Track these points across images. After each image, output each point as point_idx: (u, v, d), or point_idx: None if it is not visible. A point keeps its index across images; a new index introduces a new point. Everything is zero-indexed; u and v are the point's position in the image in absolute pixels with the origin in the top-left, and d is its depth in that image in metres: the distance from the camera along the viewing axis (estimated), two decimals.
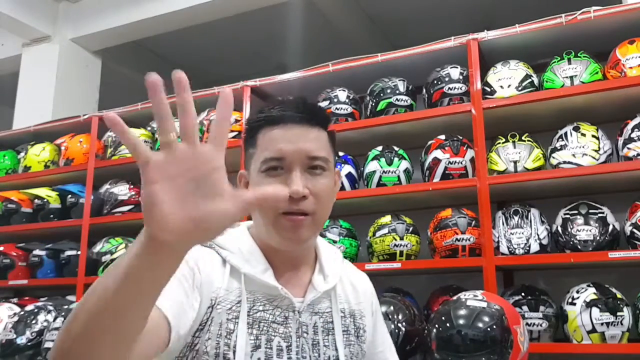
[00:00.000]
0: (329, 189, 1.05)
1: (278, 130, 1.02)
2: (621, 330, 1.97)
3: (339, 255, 1.19)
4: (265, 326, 1.00)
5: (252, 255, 1.05)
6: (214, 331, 0.97)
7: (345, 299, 1.13)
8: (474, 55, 2.40)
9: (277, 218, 1.01)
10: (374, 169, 2.49)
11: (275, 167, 1.01)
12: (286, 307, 1.03)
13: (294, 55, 5.30)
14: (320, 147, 1.04)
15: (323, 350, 1.04)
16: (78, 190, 3.24)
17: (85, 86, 4.73)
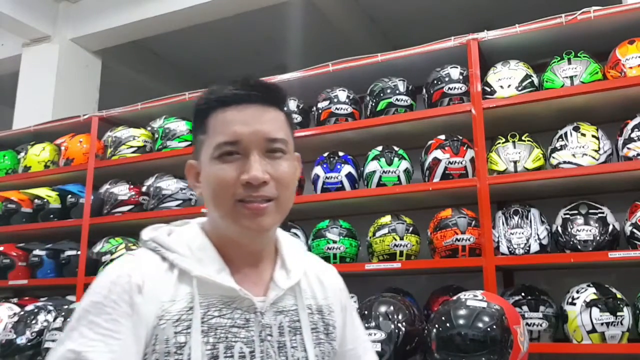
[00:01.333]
0: (290, 172, 0.97)
1: (231, 112, 0.94)
2: (621, 330, 1.97)
3: (302, 247, 1.11)
4: (223, 332, 0.90)
5: (204, 254, 0.95)
6: (160, 350, 0.87)
7: (312, 294, 1.05)
8: (474, 55, 2.40)
9: (235, 207, 0.92)
10: (374, 169, 2.49)
11: (230, 152, 0.93)
12: (247, 308, 0.94)
13: (294, 55, 5.30)
14: (278, 128, 0.96)
15: (291, 352, 0.96)
16: (78, 190, 3.24)
17: (85, 86, 4.73)
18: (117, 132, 3.20)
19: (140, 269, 0.91)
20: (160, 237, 0.97)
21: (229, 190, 0.92)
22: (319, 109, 2.72)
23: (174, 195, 2.96)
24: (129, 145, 3.14)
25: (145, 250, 0.97)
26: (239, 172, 0.92)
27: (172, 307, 0.89)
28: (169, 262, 0.94)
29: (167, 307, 0.89)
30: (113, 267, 0.93)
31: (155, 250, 0.96)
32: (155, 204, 2.96)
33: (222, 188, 0.92)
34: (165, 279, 0.92)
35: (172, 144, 3.00)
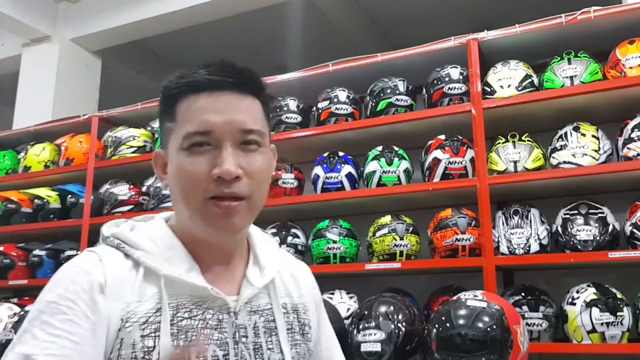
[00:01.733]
0: (265, 167, 0.90)
1: (203, 99, 0.85)
2: (621, 330, 1.97)
3: (274, 244, 1.04)
4: (194, 335, 0.84)
5: (172, 252, 0.88)
6: (126, 355, 0.80)
7: (286, 293, 0.99)
8: (474, 55, 2.40)
9: (205, 204, 0.85)
10: (374, 169, 2.49)
11: (200, 143, 0.85)
12: (219, 308, 0.87)
13: (294, 55, 5.30)
14: (254, 118, 0.88)
15: (267, 354, 0.90)
16: (78, 190, 3.24)
17: (85, 86, 4.73)
18: (117, 132, 3.20)
19: (102, 267, 0.84)
20: (124, 233, 0.90)
21: (199, 186, 0.84)
22: (319, 109, 2.72)
23: None
24: (129, 145, 3.14)
25: (106, 246, 0.90)
26: (210, 166, 0.84)
27: (139, 308, 0.83)
28: (133, 259, 0.87)
29: (132, 308, 0.82)
30: (70, 264, 0.86)
31: (118, 247, 0.88)
32: (155, 204, 2.96)
33: (191, 183, 0.85)
34: (130, 278, 0.85)
35: None
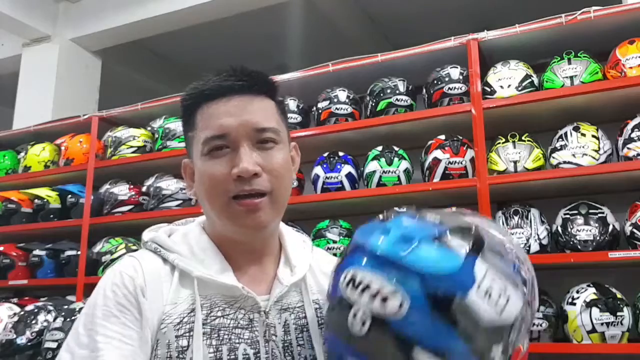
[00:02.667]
0: (284, 163, 0.92)
1: (216, 105, 0.90)
2: (621, 330, 1.97)
3: (307, 243, 1.07)
4: (226, 334, 0.87)
5: (206, 254, 0.93)
6: (162, 355, 0.84)
7: (319, 289, 1.00)
8: (474, 55, 2.40)
9: (229, 204, 0.89)
10: (374, 169, 2.49)
11: (219, 147, 0.89)
12: (250, 307, 0.90)
13: (294, 55, 5.30)
14: (267, 116, 0.91)
15: (297, 350, 0.92)
16: (78, 190, 3.24)
17: (85, 86, 4.73)
18: (117, 132, 3.20)
19: (142, 271, 0.89)
20: (161, 237, 0.95)
21: (221, 187, 0.89)
22: (319, 109, 2.72)
23: (174, 195, 2.96)
24: (129, 145, 3.14)
25: (146, 251, 0.95)
26: (229, 167, 0.88)
27: (174, 309, 0.87)
28: (169, 263, 0.91)
29: (168, 310, 0.87)
30: (115, 270, 0.90)
31: (155, 251, 0.93)
32: (155, 204, 2.96)
33: (214, 185, 0.89)
34: (167, 281, 0.89)
35: (172, 144, 3.00)
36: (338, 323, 0.78)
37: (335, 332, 0.80)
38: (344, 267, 0.81)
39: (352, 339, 0.76)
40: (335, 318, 0.80)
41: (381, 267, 0.75)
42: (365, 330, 0.74)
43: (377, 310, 0.73)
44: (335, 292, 0.80)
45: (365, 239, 0.81)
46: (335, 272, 0.84)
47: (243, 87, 0.91)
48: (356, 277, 0.76)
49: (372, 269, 0.75)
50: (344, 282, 0.78)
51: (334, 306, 0.81)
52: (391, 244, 0.77)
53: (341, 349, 0.78)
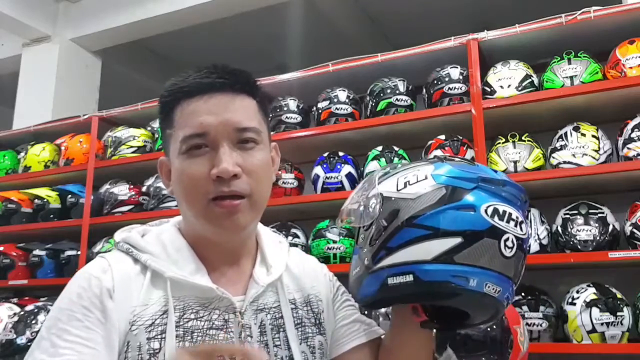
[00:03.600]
0: (264, 164, 0.91)
1: (197, 102, 0.88)
2: (621, 330, 1.97)
3: (284, 243, 1.06)
4: (200, 336, 0.85)
5: (180, 254, 0.91)
6: (132, 357, 0.82)
7: (297, 288, 1.00)
8: (474, 55, 2.40)
9: (207, 206, 0.87)
10: (373, 169, 2.49)
11: (198, 146, 0.87)
12: (225, 308, 0.89)
13: (294, 55, 5.30)
14: (249, 116, 0.89)
15: (273, 351, 0.90)
16: (78, 190, 3.24)
17: (85, 86, 4.73)
18: (117, 132, 3.20)
19: (111, 272, 0.86)
20: (133, 237, 0.93)
21: (200, 188, 0.87)
22: (319, 109, 2.72)
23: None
24: (129, 145, 3.14)
25: (117, 252, 0.93)
26: (208, 167, 0.86)
27: (145, 311, 0.85)
28: (141, 263, 0.89)
29: (139, 312, 0.84)
30: (82, 271, 0.88)
31: (127, 252, 0.91)
32: (155, 204, 2.96)
33: (192, 186, 0.87)
34: (137, 282, 0.87)
35: None
36: (487, 252, 0.84)
37: (482, 262, 0.84)
38: (478, 203, 0.86)
39: (499, 264, 0.84)
40: (481, 249, 0.84)
41: (506, 200, 0.87)
42: (512, 253, 0.85)
43: (519, 234, 0.86)
44: (479, 224, 0.84)
45: (478, 178, 0.88)
46: (460, 207, 0.86)
47: (224, 85, 0.89)
48: (499, 209, 0.85)
49: (502, 202, 0.87)
50: (488, 214, 0.85)
51: (477, 239, 0.84)
52: (501, 179, 0.90)
53: (483, 276, 0.84)
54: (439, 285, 0.83)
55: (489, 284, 0.83)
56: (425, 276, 0.83)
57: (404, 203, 0.87)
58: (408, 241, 0.85)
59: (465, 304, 0.88)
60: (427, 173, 0.89)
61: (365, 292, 0.90)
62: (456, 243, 0.83)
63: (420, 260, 0.84)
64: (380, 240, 0.87)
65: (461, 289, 0.83)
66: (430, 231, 0.84)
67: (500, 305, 0.87)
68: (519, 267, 0.88)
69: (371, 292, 0.88)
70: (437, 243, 0.84)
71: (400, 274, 0.84)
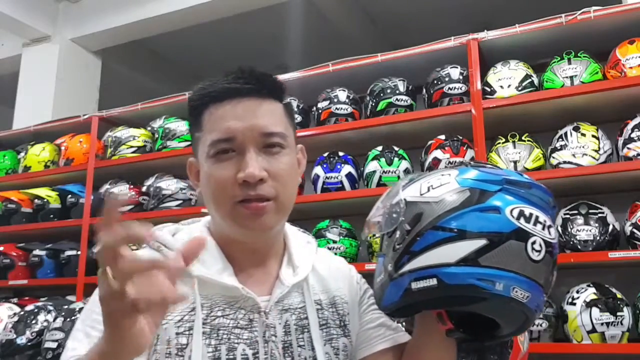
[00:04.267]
0: (290, 168, 0.93)
1: (224, 107, 0.89)
2: (621, 330, 1.97)
3: (312, 243, 1.06)
4: (225, 334, 0.88)
5: (208, 254, 0.92)
6: (161, 350, 0.85)
7: (323, 289, 1.00)
8: (474, 55, 2.40)
9: (234, 208, 0.89)
10: (374, 169, 2.49)
11: (225, 150, 0.89)
12: (250, 308, 0.91)
13: (294, 55, 5.30)
14: (275, 121, 0.91)
15: (297, 351, 0.91)
16: (78, 190, 3.24)
17: (85, 86, 4.73)
18: (117, 132, 3.20)
19: None
20: (164, 236, 0.95)
21: (227, 192, 0.89)
22: (319, 109, 2.72)
23: (174, 195, 2.96)
24: (129, 145, 3.14)
25: (148, 250, 0.94)
26: (235, 171, 0.88)
27: (175, 307, 0.86)
28: None
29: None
30: None
31: (158, 249, 0.93)
32: (155, 204, 2.96)
33: (220, 189, 0.90)
34: None
35: (172, 144, 3.00)
36: (514, 254, 0.82)
37: (508, 265, 0.82)
38: (502, 205, 0.84)
39: (526, 267, 0.82)
40: (507, 252, 0.82)
41: (532, 203, 0.86)
42: (540, 257, 0.83)
43: (547, 238, 0.84)
44: (504, 226, 0.82)
45: (502, 180, 0.86)
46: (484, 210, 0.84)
47: (251, 90, 0.90)
48: (525, 212, 0.83)
49: (529, 204, 0.85)
50: (514, 216, 0.83)
51: (502, 241, 0.82)
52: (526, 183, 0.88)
53: (510, 280, 0.81)
54: (463, 289, 0.81)
55: (516, 289, 0.81)
56: (450, 279, 0.81)
57: (427, 206, 0.86)
58: (431, 244, 0.83)
59: (492, 309, 0.86)
60: (451, 177, 0.88)
61: (389, 299, 0.87)
62: (481, 245, 0.81)
63: (444, 264, 0.81)
64: (404, 245, 0.85)
65: (487, 293, 0.80)
66: (454, 233, 0.82)
67: (530, 313, 0.83)
68: (549, 273, 0.85)
69: (395, 299, 0.86)
70: (461, 245, 0.81)
71: (423, 278, 0.82)
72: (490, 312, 0.87)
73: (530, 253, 0.82)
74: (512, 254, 0.81)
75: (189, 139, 3.01)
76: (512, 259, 0.81)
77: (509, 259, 0.81)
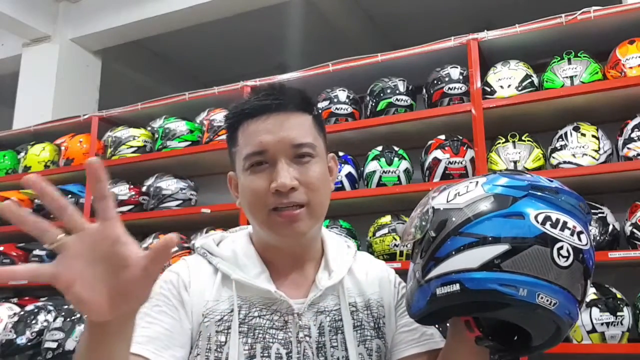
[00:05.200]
0: (320, 176, 0.98)
1: (256, 123, 0.96)
2: (621, 330, 1.97)
3: (352, 248, 1.11)
4: (261, 333, 0.95)
5: (247, 259, 1.01)
6: (202, 346, 0.93)
7: (359, 292, 1.05)
8: (474, 55, 2.40)
9: (269, 216, 0.95)
10: (374, 169, 2.49)
11: (259, 163, 0.95)
12: (285, 310, 0.97)
13: (294, 55, 5.31)
14: (304, 133, 0.97)
15: (330, 352, 0.96)
16: (78, 190, 3.24)
17: (85, 86, 4.73)
18: (117, 132, 3.20)
19: (189, 270, 1.00)
20: (208, 243, 1.05)
21: (261, 201, 0.95)
22: (319, 109, 2.71)
23: (174, 195, 2.96)
24: (129, 145, 3.14)
25: (196, 255, 1.06)
26: (268, 182, 0.94)
27: (216, 306, 0.96)
28: (213, 266, 1.01)
29: (211, 306, 0.96)
30: (167, 269, 1.02)
31: (204, 255, 1.04)
32: (155, 204, 2.96)
33: (255, 199, 0.96)
34: (210, 281, 0.99)
35: (172, 144, 3.00)
36: (538, 260, 0.80)
37: (532, 270, 0.80)
38: (527, 211, 0.83)
39: (552, 273, 0.80)
40: (531, 257, 0.80)
41: (561, 208, 0.84)
42: (568, 263, 0.81)
43: (576, 244, 0.82)
44: (528, 232, 0.82)
45: (528, 185, 0.86)
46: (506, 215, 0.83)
47: (280, 106, 0.96)
48: (551, 217, 0.82)
49: (557, 210, 0.84)
50: (539, 221, 0.82)
51: (526, 246, 0.81)
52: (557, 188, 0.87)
53: (535, 286, 0.80)
54: (486, 294, 0.80)
55: (542, 295, 0.79)
56: (472, 284, 0.80)
57: (453, 213, 0.86)
58: (455, 250, 0.83)
59: (519, 316, 0.85)
60: (478, 184, 0.88)
61: (417, 306, 0.88)
62: (503, 250, 0.80)
63: (466, 269, 0.81)
64: (430, 252, 0.86)
65: (510, 299, 0.79)
66: (476, 239, 0.82)
67: (560, 321, 0.82)
68: (580, 281, 0.83)
69: (422, 305, 0.87)
70: (484, 250, 0.81)
71: (448, 284, 0.82)
72: (518, 320, 0.86)
73: (556, 259, 0.80)
74: (537, 259, 0.80)
75: (189, 139, 3.05)
76: (536, 264, 0.80)
77: (533, 265, 0.80)
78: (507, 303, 0.81)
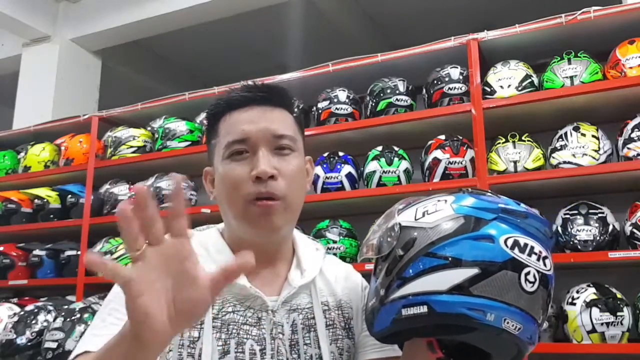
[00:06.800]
0: (298, 170, 0.99)
1: (239, 113, 0.98)
2: (621, 330, 1.97)
3: (321, 250, 1.12)
4: (235, 329, 0.93)
5: (219, 255, 0.99)
6: (174, 342, 0.91)
7: (330, 292, 1.05)
8: (474, 55, 2.40)
9: (247, 206, 0.95)
10: (374, 169, 2.49)
11: (240, 151, 0.96)
12: (259, 307, 0.96)
13: (294, 55, 5.30)
14: (286, 126, 0.99)
15: (303, 349, 0.96)
16: (78, 190, 3.24)
17: (85, 86, 4.73)
18: (117, 132, 3.20)
19: None
20: None
21: (240, 188, 0.95)
22: (319, 109, 2.72)
23: None
24: (129, 145, 3.14)
25: None
26: (248, 169, 0.94)
27: None
28: None
29: None
30: None
31: None
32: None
33: (233, 186, 0.96)
34: None
35: (172, 144, 3.00)
36: (506, 285, 0.80)
37: (500, 295, 0.80)
38: (497, 234, 0.83)
39: (519, 299, 0.80)
40: (499, 282, 0.80)
41: (528, 233, 0.84)
42: (534, 289, 0.81)
43: (542, 269, 0.82)
44: (498, 256, 0.81)
45: (498, 209, 0.86)
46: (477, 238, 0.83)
47: (263, 99, 0.98)
48: (519, 241, 0.82)
49: (524, 234, 0.84)
50: (508, 246, 0.82)
51: (495, 270, 0.80)
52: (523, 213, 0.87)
53: (502, 311, 0.80)
54: (454, 318, 0.79)
55: (508, 320, 0.79)
56: (440, 307, 0.79)
57: (421, 232, 0.85)
58: (423, 271, 0.82)
59: (483, 340, 0.85)
60: (447, 203, 0.87)
61: (380, 325, 0.86)
62: (473, 274, 0.80)
63: (435, 291, 0.80)
64: (396, 270, 0.84)
65: (477, 323, 0.79)
66: (446, 261, 0.81)
67: (522, 345, 0.82)
68: (543, 306, 0.83)
69: (386, 325, 0.85)
70: (453, 273, 0.80)
71: (414, 305, 0.81)
72: (481, 343, 0.86)
73: (523, 284, 0.80)
74: (505, 284, 0.80)
75: (189, 139, 3.05)
76: (505, 289, 0.80)
77: (501, 289, 0.80)
78: (473, 327, 0.80)
